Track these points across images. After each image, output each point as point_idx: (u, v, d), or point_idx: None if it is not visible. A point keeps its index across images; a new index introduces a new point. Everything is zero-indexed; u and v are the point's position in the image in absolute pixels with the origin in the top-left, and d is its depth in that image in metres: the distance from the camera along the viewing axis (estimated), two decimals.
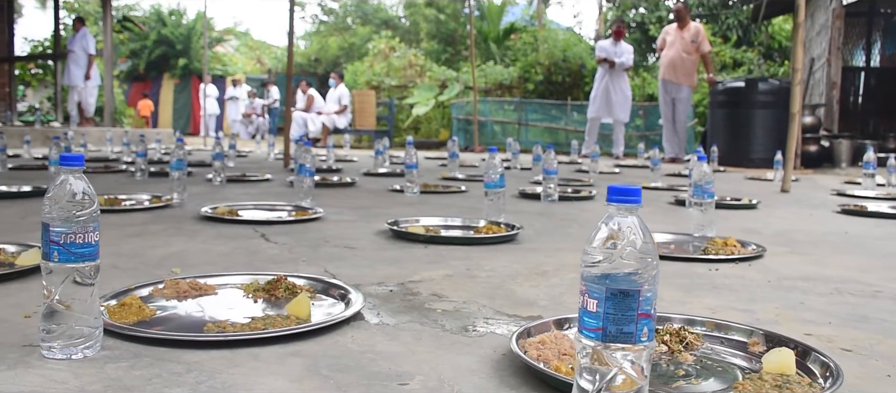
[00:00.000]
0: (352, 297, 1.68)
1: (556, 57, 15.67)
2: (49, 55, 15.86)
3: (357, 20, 23.97)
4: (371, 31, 22.15)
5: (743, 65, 15.60)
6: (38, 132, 11.34)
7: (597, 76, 10.93)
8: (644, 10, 19.93)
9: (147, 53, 23.09)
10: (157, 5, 24.42)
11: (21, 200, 3.95)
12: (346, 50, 21.96)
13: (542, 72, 15.60)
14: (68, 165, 1.25)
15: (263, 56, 26.60)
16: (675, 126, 10.18)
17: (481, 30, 18.94)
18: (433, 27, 21.27)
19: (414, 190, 4.54)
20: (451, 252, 2.50)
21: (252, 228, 2.94)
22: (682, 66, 9.92)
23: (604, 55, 10.63)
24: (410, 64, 17.16)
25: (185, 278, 1.81)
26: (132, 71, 23.43)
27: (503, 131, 14.47)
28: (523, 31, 19.35)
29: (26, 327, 1.48)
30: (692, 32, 9.86)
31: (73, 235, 1.23)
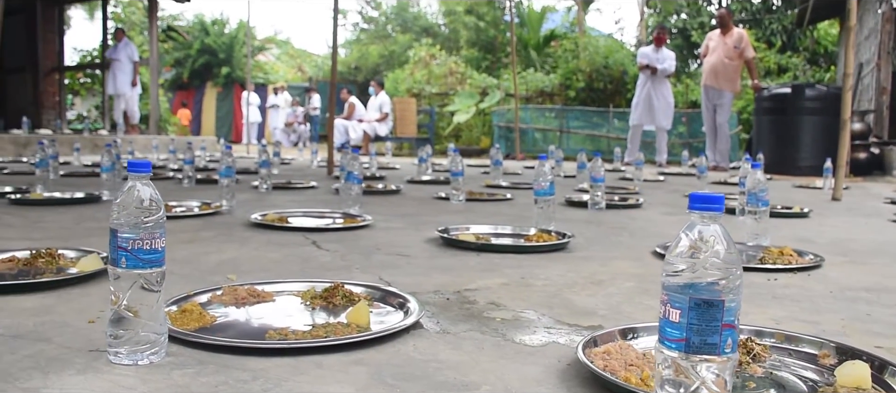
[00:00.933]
0: (410, 305, 1.66)
1: (598, 64, 15.58)
2: (97, 64, 16.18)
3: (397, 28, 24.07)
4: (411, 39, 22.23)
5: (788, 71, 15.38)
6: (87, 140, 11.56)
7: (639, 83, 10.82)
8: (686, 16, 19.76)
9: (191, 62, 23.45)
10: (200, 15, 24.78)
11: (74, 206, 4.01)
12: (387, 58, 22.07)
13: (583, 79, 15.51)
14: (136, 172, 1.25)
15: (304, 64, 26.85)
16: (718, 133, 10.04)
17: (521, 37, 18.91)
18: (473, 34, 21.28)
19: (459, 198, 4.53)
20: (504, 260, 2.48)
21: (302, 236, 2.95)
22: (723, 72, 9.79)
23: (646, 61, 10.53)
24: (451, 71, 17.19)
25: (243, 285, 1.81)
26: (176, 79, 23.79)
27: (544, 139, 14.41)
28: (563, 38, 19.28)
29: (91, 332, 1.49)
30: (735, 38, 9.73)
31: (141, 241, 1.23)
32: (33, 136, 11.39)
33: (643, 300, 1.95)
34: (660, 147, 10.88)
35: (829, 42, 16.34)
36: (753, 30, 16.56)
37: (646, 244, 2.97)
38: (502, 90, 15.83)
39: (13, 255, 2.23)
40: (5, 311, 1.67)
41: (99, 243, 2.64)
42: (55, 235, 2.94)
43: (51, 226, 3.23)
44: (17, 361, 1.31)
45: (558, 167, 7.84)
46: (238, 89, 22.49)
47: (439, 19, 24.29)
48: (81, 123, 16.53)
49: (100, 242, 2.72)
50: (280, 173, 7.07)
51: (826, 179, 6.55)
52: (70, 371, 1.25)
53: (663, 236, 3.19)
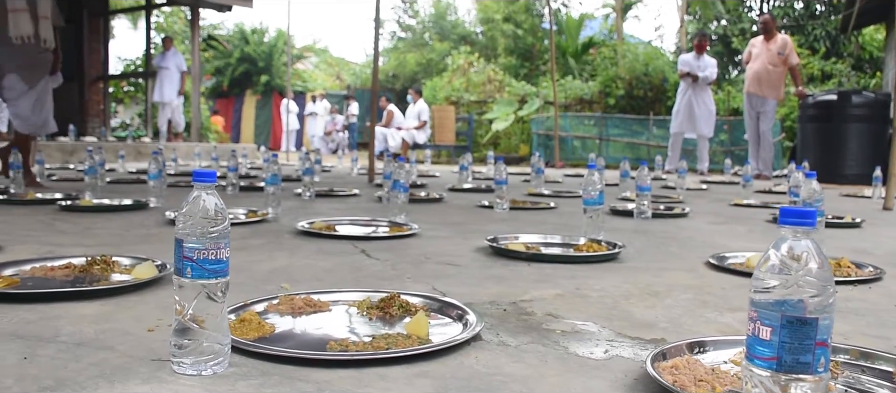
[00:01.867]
0: (469, 317, 1.64)
1: (638, 71, 15.46)
2: (140, 73, 16.42)
3: (435, 36, 24.11)
4: (449, 47, 22.25)
5: (832, 77, 15.11)
6: (131, 147, 11.72)
7: (679, 90, 10.71)
8: (726, 22, 19.51)
9: (230, 71, 23.71)
10: (240, 24, 25.05)
11: (122, 213, 4.05)
12: (424, 66, 22.11)
13: (623, 86, 15.40)
14: (202, 181, 1.25)
15: (342, 72, 27.01)
16: (761, 141, 9.88)
17: (560, 44, 18.83)
18: (511, 42, 21.24)
19: (503, 206, 4.50)
20: (556, 270, 2.44)
21: (351, 244, 2.94)
22: (767, 79, 9.63)
23: (687, 69, 10.41)
24: (489, 79, 17.16)
25: (298, 294, 1.80)
26: (216, 88, 24.06)
27: (583, 146, 14.32)
28: (602, 46, 19.15)
29: (151, 341, 1.49)
30: (779, 44, 9.57)
31: (206, 251, 1.22)
32: (79, 143, 11.58)
33: (703, 313, 1.90)
34: (701, 155, 10.75)
35: (874, 47, 16.02)
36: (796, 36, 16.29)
37: (697, 255, 2.91)
38: (541, 98, 15.76)
39: (69, 261, 2.25)
40: (66, 318, 1.67)
41: (150, 250, 2.66)
42: (107, 242, 2.97)
43: (101, 232, 3.26)
44: (82, 369, 1.31)
45: (600, 175, 7.76)
46: (277, 97, 22.69)
47: (477, 27, 24.29)
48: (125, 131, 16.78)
49: (151, 249, 2.74)
50: (321, 181, 7.10)
51: (875, 188, 6.40)
52: (135, 380, 1.25)
53: (713, 246, 3.13)
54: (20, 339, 1.50)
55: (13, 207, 4.35)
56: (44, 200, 4.59)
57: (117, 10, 18.00)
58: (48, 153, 10.20)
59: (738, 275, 2.46)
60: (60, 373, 1.29)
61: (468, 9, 34.54)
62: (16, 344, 1.46)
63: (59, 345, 1.46)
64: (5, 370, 1.30)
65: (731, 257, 2.74)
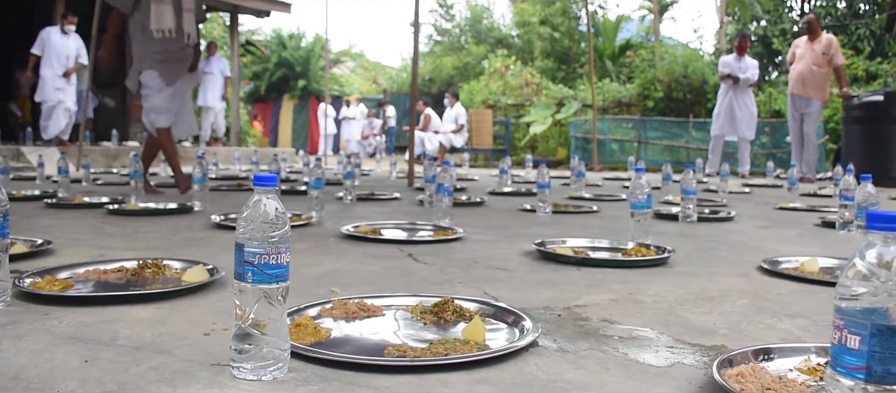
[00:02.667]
0: (526, 323, 1.61)
1: (677, 73, 15.28)
2: None
3: (470, 40, 24.10)
4: (485, 51, 22.22)
5: (877, 78, 14.81)
6: None
7: (720, 92, 10.57)
8: (766, 23, 19.25)
9: (268, 75, 23.91)
10: (278, 29, 25.27)
11: (168, 217, 4.09)
12: (460, 69, 22.11)
13: (661, 88, 15.24)
14: (262, 185, 1.24)
15: (378, 76, 27.11)
16: (805, 143, 9.70)
17: (597, 47, 18.71)
18: (547, 45, 21.16)
19: (546, 210, 4.46)
20: (606, 275, 2.41)
21: (397, 248, 2.93)
22: (811, 80, 9.45)
23: (727, 71, 10.27)
24: (526, 82, 17.10)
25: (351, 299, 1.79)
26: (254, 92, 24.28)
27: (621, 149, 14.21)
28: (640, 48, 18.99)
29: (208, 345, 1.49)
30: (823, 44, 9.39)
31: (267, 255, 1.22)
32: (122, 148, 11.75)
33: (762, 319, 1.86)
34: (742, 158, 10.59)
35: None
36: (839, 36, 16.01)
37: (747, 259, 2.86)
38: (579, 101, 15.67)
39: (121, 265, 2.27)
40: (122, 321, 1.68)
41: (198, 254, 2.68)
42: (155, 245, 2.99)
43: (149, 236, 3.29)
44: (142, 373, 1.31)
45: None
46: (314, 102, 22.84)
47: (513, 30, 24.23)
48: None
49: (199, 252, 2.75)
50: (361, 184, 7.11)
51: None
52: (196, 385, 1.24)
53: (764, 251, 3.07)
54: (80, 342, 1.51)
55: (62, 210, 4.41)
56: (91, 204, 4.65)
57: None
58: (93, 158, 10.35)
59: (794, 280, 2.40)
60: (122, 376, 1.29)
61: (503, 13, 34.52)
62: (76, 347, 1.47)
63: (118, 348, 1.47)
64: (68, 373, 1.31)
65: (784, 262, 2.68)
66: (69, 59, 10.46)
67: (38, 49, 10.41)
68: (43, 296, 1.90)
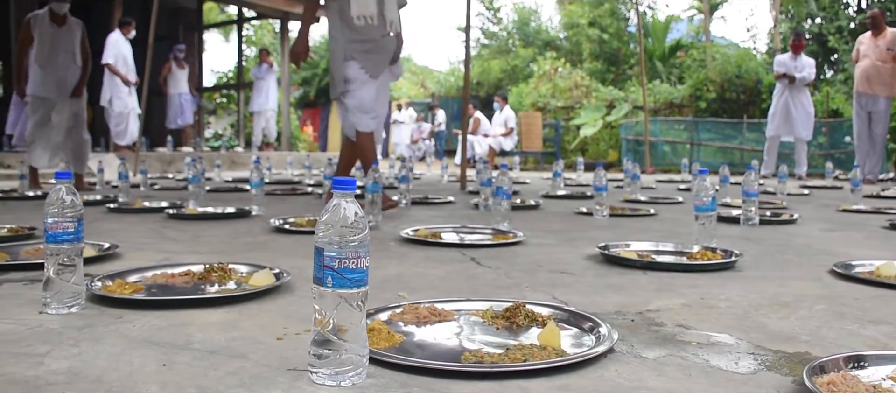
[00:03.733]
0: (602, 329, 1.58)
1: (729, 73, 15.01)
2: (232, 85, 16.86)
3: (518, 42, 24.03)
4: (533, 53, 22.13)
5: None
6: (225, 157, 12.03)
7: (775, 92, 10.35)
8: (821, 21, 18.83)
9: (317, 81, 24.12)
10: (326, 35, 25.46)
11: (227, 221, 4.13)
12: (509, 72, 22.05)
13: (714, 89, 14.98)
14: (342, 189, 1.23)
15: (426, 80, 27.17)
16: (872, 143, 9.42)
17: (646, 48, 18.50)
18: (596, 47, 21.00)
19: (603, 213, 4.41)
20: (674, 279, 2.36)
21: (458, 252, 2.91)
22: (877, 77, 9.18)
23: (783, 70, 10.06)
24: (576, 85, 16.98)
25: (421, 303, 1.78)
26: (303, 98, 24.52)
27: (674, 151, 14.01)
28: (690, 48, 18.73)
29: (283, 349, 1.49)
30: (889, 39, 9.12)
31: (347, 260, 1.20)
32: (176, 154, 11.95)
33: (843, 325, 1.80)
34: (799, 159, 10.36)
35: None
36: None
37: (817, 263, 2.78)
38: (630, 102, 15.50)
39: (188, 269, 2.29)
40: (194, 325, 1.69)
41: (260, 257, 2.69)
42: (217, 249, 3.02)
43: (210, 240, 3.32)
44: (221, 377, 1.31)
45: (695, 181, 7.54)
46: None
47: (561, 33, 24.10)
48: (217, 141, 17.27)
49: (261, 256, 2.77)
50: (414, 188, 7.12)
51: None
52: (275, 390, 1.24)
53: (833, 254, 2.98)
54: (155, 345, 1.52)
55: (124, 214, 4.49)
56: (151, 209, 4.72)
57: (210, 25, 18.54)
58: (149, 163, 10.54)
59: (871, 285, 2.32)
60: (201, 381, 1.29)
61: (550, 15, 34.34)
62: (152, 351, 1.48)
63: (194, 352, 1.47)
64: (147, 377, 1.31)
65: (857, 266, 2.59)
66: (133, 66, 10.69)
67: (111, 57, 10.61)
68: (115, 299, 1.92)
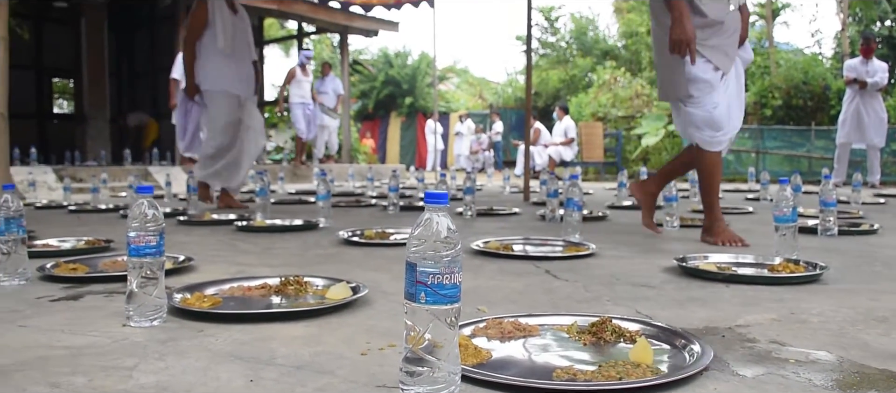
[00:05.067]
0: (695, 346, 1.51)
1: (796, 79, 14.65)
2: None
3: (576, 52, 23.86)
4: (591, 63, 21.95)
5: None
6: (287, 169, 12.17)
7: (846, 98, 10.05)
8: (892, 23, 18.25)
9: (375, 93, 24.34)
10: (384, 48, 25.69)
11: (295, 233, 4.15)
12: (567, 82, 21.90)
13: (780, 96, 14.63)
14: (434, 203, 1.20)
15: (484, 91, 27.17)
16: None
17: None
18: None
19: (674, 224, 4.32)
20: (758, 292, 2.28)
21: (531, 264, 2.87)
22: None
23: (853, 75, 9.77)
24: (637, 94, 16.78)
25: (505, 318, 1.74)
26: (362, 110, 24.75)
27: (738, 160, 13.73)
28: (754, 55, 18.32)
29: (368, 365, 1.47)
30: None
31: (441, 275, 1.18)
32: None
33: None
34: (872, 167, 10.04)
35: None
36: None
37: None
38: None
39: (265, 282, 2.29)
40: (277, 339, 1.68)
41: (333, 270, 2.68)
42: (288, 262, 3.03)
43: (281, 252, 3.34)
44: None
45: (764, 190, 7.37)
46: (421, 118, 23.09)
47: (619, 41, 23.86)
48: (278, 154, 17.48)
49: (334, 269, 2.76)
50: (477, 199, 7.09)
51: None
52: None
53: None
54: (240, 360, 1.52)
55: (194, 227, 4.55)
56: (220, 221, 4.78)
57: (271, 40, 18.82)
58: None
59: None
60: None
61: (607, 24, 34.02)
62: (237, 365, 1.47)
63: (279, 368, 1.46)
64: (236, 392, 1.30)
65: None
66: None
67: (176, 73, 10.87)
68: (195, 312, 1.93)
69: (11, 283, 2.47)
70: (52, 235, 3.82)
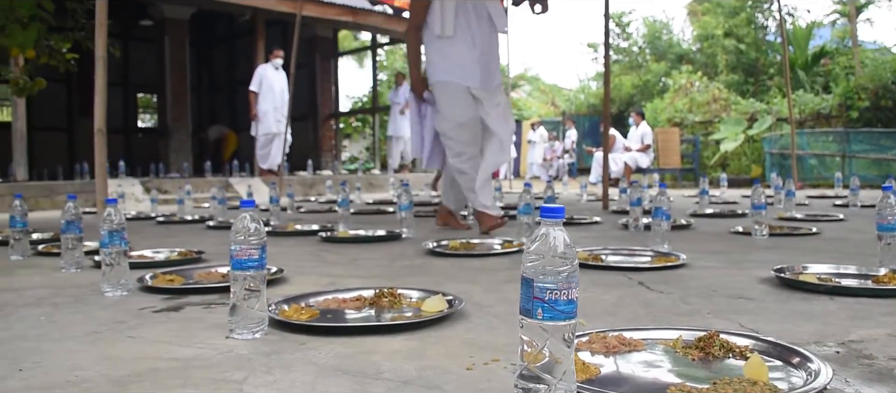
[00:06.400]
0: (812, 365, 1.45)
1: (884, 79, 14.11)
2: (367, 109, 17.27)
3: (650, 57, 23.52)
4: (666, 67, 21.61)
5: None
6: (363, 179, 12.32)
7: None
8: None
9: None
10: None
11: (379, 244, 4.18)
12: (640, 87, 21.60)
13: (867, 97, 14.11)
14: (551, 217, 1.19)
15: (556, 98, 27.01)
16: None
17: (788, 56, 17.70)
18: (733, 58, 20.27)
19: (763, 232, 4.20)
20: (867, 306, 2.19)
21: (623, 275, 2.82)
22: None
23: None
24: (714, 98, 16.43)
25: (609, 332, 1.72)
26: None
27: (822, 165, 13.31)
28: (836, 54, 17.78)
29: (476, 381, 1.46)
30: None
31: (558, 291, 1.16)
32: (317, 177, 12.33)
33: None
34: None
35: None
36: None
37: None
38: (773, 115, 14.83)
39: (359, 294, 2.31)
40: (379, 352, 1.69)
41: (423, 282, 2.69)
42: (377, 273, 3.05)
43: (368, 263, 3.36)
44: None
45: (854, 196, 7.11)
46: None
47: (694, 45, 23.43)
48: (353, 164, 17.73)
49: (423, 280, 2.77)
50: None
51: None
52: None
53: None
54: (346, 374, 1.53)
55: (278, 238, 4.63)
56: (304, 232, 4.86)
57: (345, 52, 19.09)
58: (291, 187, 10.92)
59: None
60: None
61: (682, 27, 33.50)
62: (345, 380, 1.48)
63: (387, 383, 1.46)
64: None
65: None
66: (283, 93, 11.11)
67: (255, 86, 11.16)
68: (294, 325, 1.95)
69: (114, 293, 2.55)
70: (144, 246, 3.94)
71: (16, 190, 8.23)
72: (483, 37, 4.59)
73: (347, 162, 18.52)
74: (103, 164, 3.48)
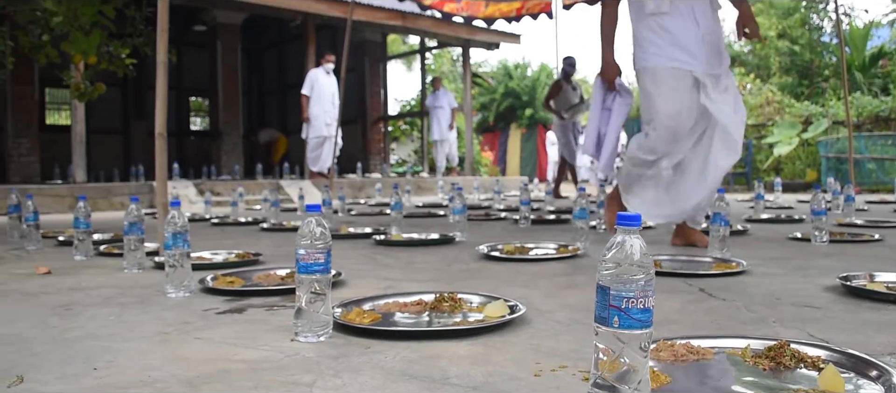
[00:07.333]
0: (892, 377, 1.42)
1: None
2: (416, 113, 17.35)
3: None
4: None
5: None
6: (411, 182, 12.37)
7: None
8: None
9: (495, 106, 24.42)
10: (504, 60, 25.76)
11: (433, 247, 4.19)
12: None
13: None
14: (627, 225, 1.19)
15: None
16: None
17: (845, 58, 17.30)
18: (786, 60, 19.91)
19: (823, 238, 4.12)
20: None
21: (681, 281, 2.79)
22: None
23: None
24: (767, 101, 16.15)
25: (677, 340, 1.70)
26: (482, 123, 24.88)
27: (881, 169, 12.98)
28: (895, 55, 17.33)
29: (544, 388, 1.46)
30: None
31: (635, 299, 1.16)
32: (366, 180, 12.42)
33: None
34: None
35: None
36: None
37: None
38: (829, 118, 14.51)
39: (420, 298, 2.32)
40: (444, 357, 1.70)
41: (480, 286, 2.70)
42: (434, 277, 3.05)
43: (424, 267, 3.38)
44: None
45: None
46: (541, 130, 22.99)
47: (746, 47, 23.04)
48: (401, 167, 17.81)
49: (480, 284, 2.78)
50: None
51: None
52: None
53: None
54: (414, 379, 1.53)
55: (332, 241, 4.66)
56: (358, 234, 4.89)
57: (394, 56, 19.19)
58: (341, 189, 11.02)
59: None
60: None
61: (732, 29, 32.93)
62: (413, 385, 1.49)
63: (455, 388, 1.47)
64: None
65: None
66: (334, 97, 11.22)
67: (307, 90, 11.30)
68: (359, 328, 1.97)
69: (178, 294, 2.60)
70: (202, 248, 4.00)
71: (76, 191, 8.45)
72: (703, 11, 3.88)
73: (396, 165, 18.61)
74: (163, 167, 3.54)
